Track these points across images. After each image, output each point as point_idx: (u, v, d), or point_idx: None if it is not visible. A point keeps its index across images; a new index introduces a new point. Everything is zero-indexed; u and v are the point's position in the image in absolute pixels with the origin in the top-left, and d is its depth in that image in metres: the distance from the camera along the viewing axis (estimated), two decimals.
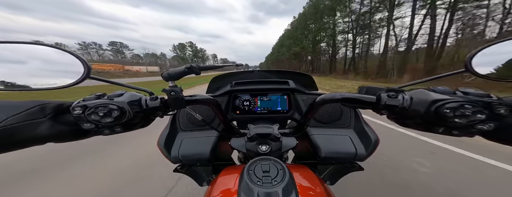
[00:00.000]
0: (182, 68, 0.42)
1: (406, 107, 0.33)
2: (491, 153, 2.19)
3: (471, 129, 0.28)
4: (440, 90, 0.31)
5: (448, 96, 0.29)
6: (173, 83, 0.42)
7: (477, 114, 0.27)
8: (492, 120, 0.27)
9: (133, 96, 0.40)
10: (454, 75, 0.33)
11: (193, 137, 0.75)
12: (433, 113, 0.29)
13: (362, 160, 0.66)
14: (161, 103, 0.43)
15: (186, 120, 0.81)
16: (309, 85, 0.99)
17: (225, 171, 0.53)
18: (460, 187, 1.64)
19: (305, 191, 0.41)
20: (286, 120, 1.00)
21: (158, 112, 0.44)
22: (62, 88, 0.35)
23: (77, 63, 0.34)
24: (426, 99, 0.31)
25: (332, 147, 0.68)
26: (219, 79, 0.99)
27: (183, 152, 0.68)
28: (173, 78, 0.42)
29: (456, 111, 0.27)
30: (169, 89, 0.42)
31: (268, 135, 0.57)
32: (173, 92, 0.42)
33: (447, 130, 0.30)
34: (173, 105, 0.44)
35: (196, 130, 0.80)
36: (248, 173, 0.40)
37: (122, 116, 0.36)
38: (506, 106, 0.26)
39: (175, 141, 0.73)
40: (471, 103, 0.27)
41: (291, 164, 0.61)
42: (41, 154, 2.30)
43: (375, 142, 0.64)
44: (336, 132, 0.77)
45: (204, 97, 0.50)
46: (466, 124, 0.28)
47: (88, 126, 0.35)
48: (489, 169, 1.95)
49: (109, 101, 0.36)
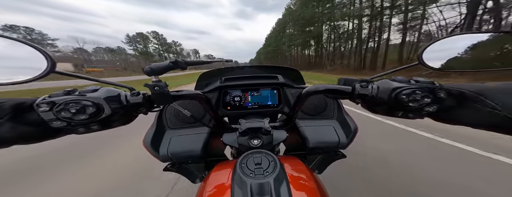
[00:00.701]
0: (167, 62, 0.41)
1: (374, 95, 0.38)
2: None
3: (421, 111, 0.34)
4: (399, 79, 0.36)
5: (404, 84, 0.35)
6: (156, 78, 0.41)
7: (425, 98, 0.32)
8: (435, 103, 0.33)
9: (110, 91, 0.38)
10: (411, 67, 0.39)
11: (183, 135, 0.74)
12: (393, 99, 0.34)
13: (344, 148, 0.71)
14: (144, 99, 0.41)
15: (174, 117, 0.79)
16: (297, 79, 1.02)
17: (218, 167, 0.54)
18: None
19: (295, 180, 0.43)
20: (277, 114, 1.02)
21: (141, 108, 0.42)
22: (19, 84, 0.32)
23: (38, 56, 0.31)
24: (388, 87, 0.36)
25: (319, 138, 0.71)
26: (208, 76, 0.99)
27: (173, 150, 0.67)
28: (156, 73, 0.40)
29: (410, 97, 0.33)
30: (153, 84, 0.40)
31: (259, 129, 0.59)
32: (157, 87, 0.40)
33: (404, 114, 0.36)
34: (158, 101, 0.43)
35: (185, 128, 0.79)
36: (241, 166, 0.41)
37: (98, 113, 0.34)
38: (444, 91, 0.32)
39: (163, 139, 0.72)
40: (420, 89, 0.33)
41: (282, 156, 0.63)
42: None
43: (355, 130, 0.69)
44: (322, 123, 0.81)
45: (193, 92, 0.49)
46: (417, 107, 0.33)
47: (58, 124, 0.33)
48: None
49: (82, 96, 0.33)
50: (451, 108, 0.32)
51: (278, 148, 0.89)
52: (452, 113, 0.32)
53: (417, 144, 2.42)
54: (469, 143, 2.31)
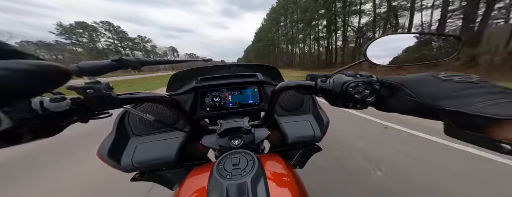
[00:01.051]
0: (107, 61, 0.34)
1: (331, 89, 0.41)
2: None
3: (365, 102, 0.39)
4: (348, 73, 0.41)
5: (351, 78, 0.39)
6: (92, 79, 0.33)
7: (365, 90, 0.37)
8: (373, 94, 0.38)
9: None
10: (359, 63, 0.45)
11: (152, 141, 0.68)
12: (344, 91, 0.38)
13: (318, 141, 0.74)
14: (75, 105, 0.33)
15: (140, 122, 0.72)
16: (276, 76, 1.04)
17: (194, 171, 0.53)
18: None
19: (273, 178, 0.43)
20: (259, 112, 1.02)
21: (72, 117, 0.33)
22: None
23: None
24: (340, 81, 0.39)
25: (297, 133, 0.73)
26: (182, 76, 0.93)
27: (139, 158, 0.61)
28: (89, 73, 0.32)
29: (355, 89, 0.37)
30: (83, 86, 0.32)
31: (239, 129, 0.58)
32: (91, 90, 0.32)
33: (354, 105, 0.40)
34: (96, 106, 0.35)
35: (156, 133, 0.72)
36: (218, 169, 0.40)
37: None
38: (378, 83, 0.38)
39: (126, 148, 0.65)
40: (362, 82, 0.37)
41: (263, 154, 0.63)
42: None
43: (327, 123, 0.73)
44: (299, 118, 0.83)
45: (151, 95, 0.42)
46: (361, 98, 0.38)
47: None
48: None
49: None
50: (385, 98, 0.38)
51: (262, 146, 0.88)
52: (386, 102, 0.38)
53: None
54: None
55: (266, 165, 0.47)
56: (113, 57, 0.34)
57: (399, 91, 0.34)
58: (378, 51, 0.42)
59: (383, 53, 0.42)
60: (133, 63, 0.36)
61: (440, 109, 0.27)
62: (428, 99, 0.29)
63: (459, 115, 0.24)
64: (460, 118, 0.24)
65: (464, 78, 0.27)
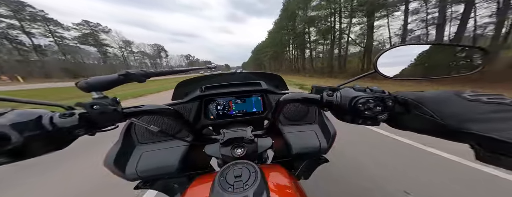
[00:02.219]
0: (114, 75, 0.35)
1: (338, 103, 0.39)
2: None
3: (376, 119, 0.36)
4: (357, 88, 0.38)
5: (361, 93, 0.36)
6: (100, 94, 0.35)
7: (377, 107, 0.34)
8: (386, 111, 0.35)
9: (24, 114, 0.30)
10: (369, 75, 0.41)
11: (157, 149, 0.69)
12: (353, 107, 0.36)
13: (325, 152, 0.71)
14: (82, 120, 0.33)
15: (146, 131, 0.73)
16: (279, 85, 1.03)
17: (197, 181, 0.52)
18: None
19: (276, 190, 0.42)
20: (263, 121, 1.01)
21: (78, 131, 0.34)
22: None
23: None
24: (348, 96, 0.37)
25: (302, 143, 0.71)
26: (187, 84, 0.94)
27: (143, 167, 0.62)
28: (97, 89, 0.34)
29: (365, 105, 0.34)
30: (90, 103, 0.33)
31: (242, 138, 0.57)
32: (97, 106, 0.33)
33: (364, 121, 0.37)
34: (102, 121, 0.36)
35: (161, 141, 0.73)
36: (220, 181, 0.39)
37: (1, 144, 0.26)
38: (392, 99, 0.34)
39: (131, 156, 0.66)
40: (372, 98, 0.35)
41: (266, 165, 0.62)
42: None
43: (333, 134, 0.70)
44: (304, 128, 0.81)
45: (154, 107, 0.43)
46: (372, 115, 0.35)
47: None
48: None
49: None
50: (399, 115, 0.34)
51: (266, 155, 0.87)
52: (401, 119, 0.35)
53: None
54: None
55: (269, 176, 0.45)
56: (120, 72, 0.35)
57: (416, 109, 0.30)
58: (390, 62, 0.39)
59: (396, 65, 0.39)
60: (138, 77, 0.37)
61: (468, 133, 0.24)
62: (453, 121, 0.26)
63: (491, 141, 0.22)
64: (493, 144, 0.22)
65: (494, 98, 0.24)
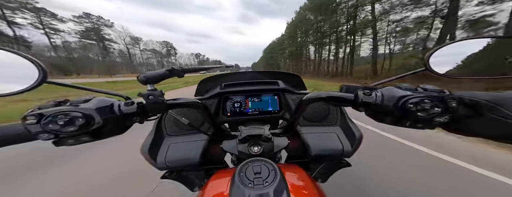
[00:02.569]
0: (163, 70, 0.41)
1: (379, 103, 0.36)
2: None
3: (431, 122, 0.31)
4: (405, 86, 0.34)
5: (411, 92, 0.32)
6: (152, 87, 0.41)
7: (435, 108, 0.30)
8: (447, 113, 0.30)
9: (103, 101, 0.37)
10: (417, 73, 0.37)
11: (181, 142, 0.74)
12: (400, 108, 0.32)
13: (348, 156, 0.68)
14: (139, 108, 0.40)
15: (173, 124, 0.79)
16: (298, 85, 1.01)
17: (216, 175, 0.53)
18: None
19: (296, 191, 0.42)
20: (278, 120, 1.01)
21: (135, 117, 0.40)
22: (9, 95, 0.32)
23: (29, 66, 0.31)
24: (393, 96, 0.34)
25: (322, 145, 0.69)
26: (208, 81, 0.98)
27: (171, 158, 0.66)
28: (152, 81, 0.40)
29: (418, 106, 0.31)
30: (147, 93, 0.39)
31: (259, 136, 0.58)
32: (151, 96, 0.39)
33: (413, 124, 0.33)
34: (152, 110, 0.42)
35: (184, 134, 0.78)
36: (240, 176, 0.40)
37: (88, 124, 0.33)
38: (456, 99, 0.30)
39: (161, 146, 0.71)
40: (429, 98, 0.31)
41: (283, 164, 0.62)
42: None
43: (359, 138, 0.67)
44: (324, 130, 0.79)
45: (188, 100, 0.48)
46: (427, 117, 0.31)
47: (45, 137, 0.31)
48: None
49: (72, 108, 0.32)
50: (465, 119, 0.30)
51: (279, 155, 0.87)
52: (467, 124, 0.30)
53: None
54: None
55: (288, 176, 0.45)
56: (167, 67, 0.41)
57: (493, 112, 0.26)
58: (445, 59, 0.34)
59: (451, 62, 0.34)
60: (178, 72, 0.42)
61: None
62: None
63: None
64: None
65: None
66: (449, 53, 0.34)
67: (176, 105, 0.46)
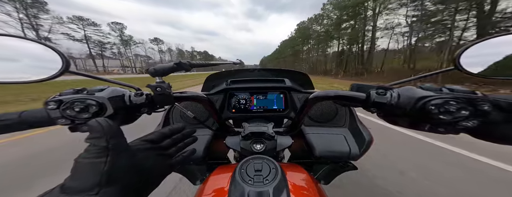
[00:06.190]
0: (171, 64, 0.42)
1: (394, 104, 0.33)
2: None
3: (456, 126, 0.28)
4: (427, 87, 0.31)
5: (434, 93, 0.29)
6: (160, 79, 0.42)
7: (462, 111, 0.27)
8: (477, 117, 0.27)
9: (115, 91, 0.39)
10: (444, 72, 0.33)
11: None
12: (418, 109, 0.29)
13: (355, 159, 0.66)
14: (147, 100, 0.42)
15: (180, 118, 0.81)
16: (305, 83, 0.98)
17: (218, 170, 0.54)
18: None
19: (297, 191, 0.41)
20: (283, 119, 0.99)
21: (143, 108, 0.42)
22: (35, 83, 0.34)
23: (54, 56, 0.33)
24: (412, 96, 0.31)
25: (327, 146, 0.67)
26: (215, 78, 0.99)
27: None
28: (160, 74, 0.41)
29: (441, 108, 0.27)
30: (155, 85, 0.41)
31: (263, 134, 0.57)
32: (159, 88, 0.41)
33: (433, 127, 0.30)
34: (160, 102, 0.43)
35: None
36: (240, 172, 0.40)
37: (101, 112, 0.35)
38: (490, 103, 0.26)
39: None
40: (455, 99, 0.27)
41: (285, 163, 0.62)
42: None
43: (369, 142, 0.64)
44: (331, 131, 0.77)
45: (195, 94, 0.49)
46: (451, 120, 0.28)
47: (62, 122, 0.33)
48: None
49: (88, 96, 0.35)
50: (498, 124, 0.26)
51: (282, 154, 0.86)
52: (500, 130, 0.26)
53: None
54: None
55: (289, 175, 0.44)
56: (175, 61, 0.42)
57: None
58: (480, 58, 0.30)
59: (489, 61, 0.30)
60: (185, 66, 0.42)
61: None
62: None
63: None
64: None
65: None
66: (484, 51, 0.30)
67: (183, 98, 0.47)
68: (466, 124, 0.27)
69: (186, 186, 1.61)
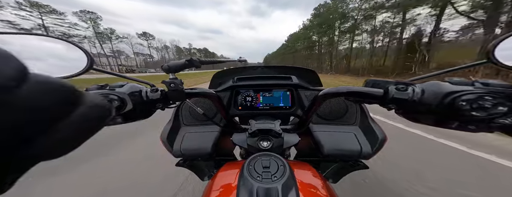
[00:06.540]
0: (183, 61, 0.43)
1: (416, 100, 0.31)
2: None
3: (490, 123, 0.26)
4: (456, 81, 0.29)
5: (466, 88, 0.27)
6: (173, 76, 0.44)
7: (499, 107, 0.24)
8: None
9: (134, 87, 0.41)
10: (476, 66, 0.31)
11: (195, 132, 0.76)
12: (447, 106, 0.27)
13: (367, 158, 0.64)
14: (162, 95, 0.44)
15: (189, 114, 0.83)
16: (313, 80, 0.97)
17: (226, 166, 0.54)
18: None
19: (305, 188, 0.40)
20: (289, 116, 0.98)
21: (158, 104, 0.45)
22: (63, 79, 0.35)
23: (79, 54, 0.36)
24: (439, 91, 0.28)
25: (336, 145, 0.66)
26: (222, 75, 0.99)
27: (185, 146, 0.69)
28: (173, 71, 0.43)
29: (474, 104, 0.25)
30: (169, 81, 0.43)
31: (269, 131, 0.57)
32: (173, 84, 0.43)
33: (462, 125, 0.28)
34: (173, 97, 0.45)
35: (198, 125, 0.81)
36: (248, 169, 0.40)
37: (122, 107, 0.36)
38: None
39: (177, 135, 0.74)
40: (492, 94, 0.25)
41: (293, 161, 0.61)
42: None
43: (382, 140, 0.62)
44: (341, 129, 0.75)
45: (205, 90, 0.51)
46: (485, 117, 0.25)
47: None
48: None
49: (111, 91, 0.36)
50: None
51: (288, 152, 0.86)
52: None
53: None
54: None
55: (297, 173, 0.44)
56: (186, 58, 0.43)
57: None
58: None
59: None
60: (196, 63, 0.44)
61: None
62: None
63: None
64: None
65: None
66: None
67: (194, 94, 0.49)
68: (503, 121, 0.25)
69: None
